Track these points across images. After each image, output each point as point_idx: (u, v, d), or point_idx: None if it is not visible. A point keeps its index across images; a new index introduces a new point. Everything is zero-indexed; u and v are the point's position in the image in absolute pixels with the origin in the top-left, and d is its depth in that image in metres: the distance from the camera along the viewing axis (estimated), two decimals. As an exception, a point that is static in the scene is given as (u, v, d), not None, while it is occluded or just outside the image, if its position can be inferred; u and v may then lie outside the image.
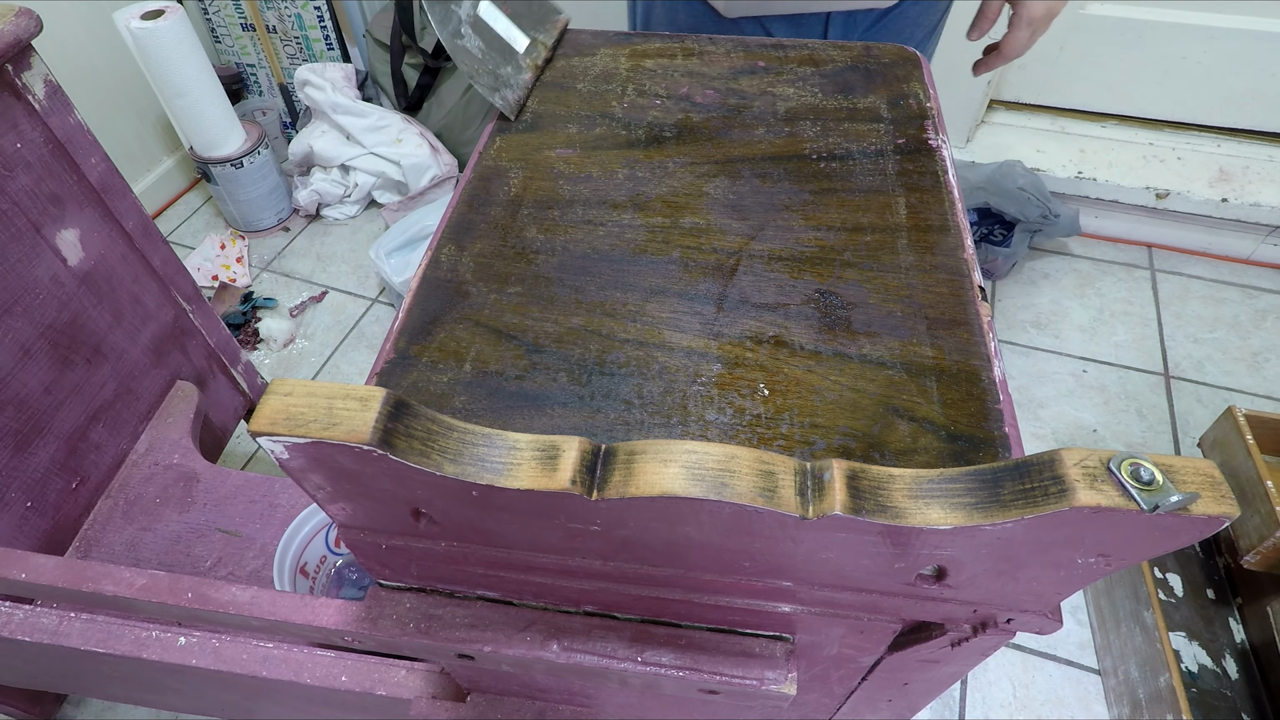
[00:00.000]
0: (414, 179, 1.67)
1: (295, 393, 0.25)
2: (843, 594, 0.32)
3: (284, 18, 1.76)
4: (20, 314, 0.77)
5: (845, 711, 0.50)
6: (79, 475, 0.87)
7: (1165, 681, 0.87)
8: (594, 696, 0.50)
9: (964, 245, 0.48)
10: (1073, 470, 0.23)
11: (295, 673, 0.56)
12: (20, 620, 0.58)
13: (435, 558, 0.34)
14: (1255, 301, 1.51)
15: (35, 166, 0.75)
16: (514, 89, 0.60)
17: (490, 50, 0.59)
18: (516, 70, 0.61)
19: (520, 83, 0.60)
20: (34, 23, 0.70)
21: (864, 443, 0.38)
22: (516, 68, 0.61)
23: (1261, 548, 0.88)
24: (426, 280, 0.47)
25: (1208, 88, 1.55)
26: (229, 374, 1.09)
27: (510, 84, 0.60)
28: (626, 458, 0.26)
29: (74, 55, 1.53)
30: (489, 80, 0.58)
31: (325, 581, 0.86)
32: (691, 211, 0.51)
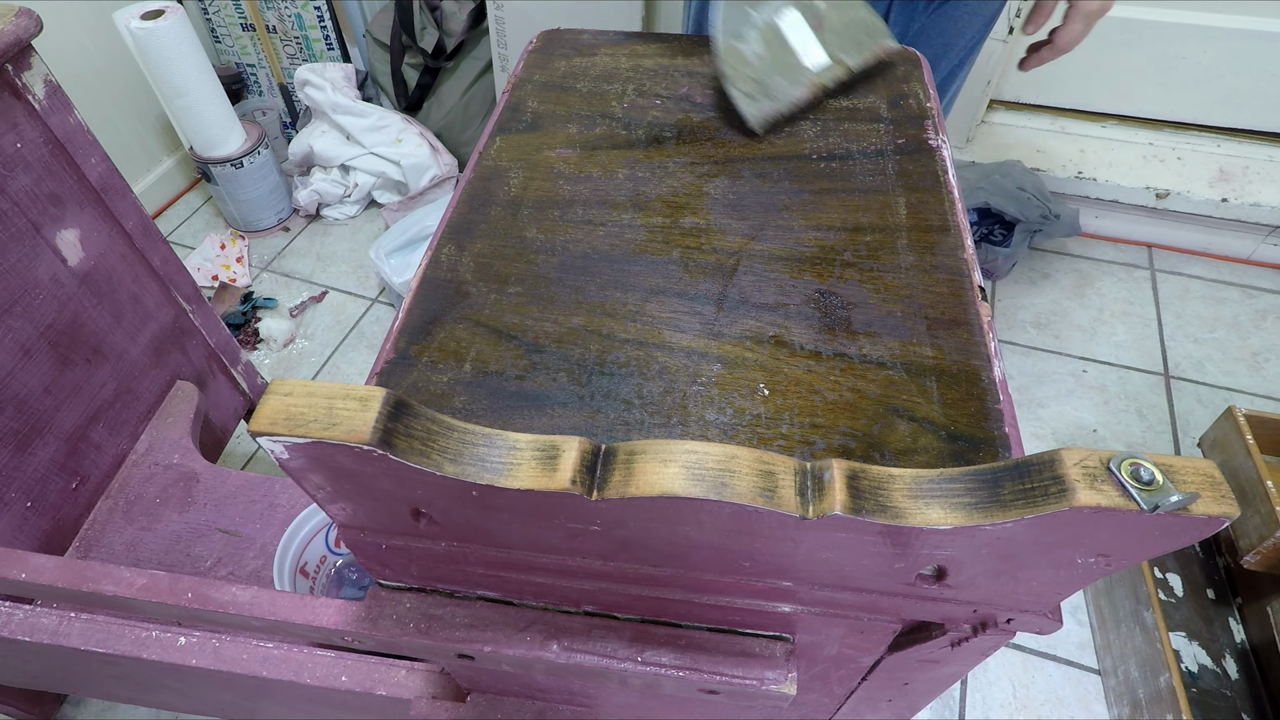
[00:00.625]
0: (414, 179, 1.67)
1: (295, 393, 0.25)
2: (843, 594, 0.32)
3: (284, 18, 1.76)
4: (20, 314, 0.77)
5: (845, 711, 0.50)
6: (79, 475, 0.87)
7: (1165, 681, 0.87)
8: (594, 696, 0.50)
9: (964, 245, 0.48)
10: (1073, 470, 0.23)
11: (295, 673, 0.56)
12: (20, 620, 0.58)
13: (435, 558, 0.34)
14: (1255, 301, 1.51)
15: (35, 166, 0.75)
16: (775, 102, 0.56)
17: (770, 58, 0.56)
18: (790, 84, 0.57)
19: (788, 98, 0.56)
20: (34, 23, 0.70)
21: (864, 443, 0.38)
22: (793, 82, 0.57)
23: (1261, 548, 0.88)
24: (426, 280, 0.47)
25: (1208, 88, 1.55)
26: (229, 374, 1.09)
27: (773, 96, 0.56)
28: (626, 458, 0.26)
29: (74, 55, 1.53)
30: (749, 87, 0.55)
31: (325, 581, 0.86)
32: (691, 211, 0.51)
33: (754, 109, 0.56)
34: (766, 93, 0.56)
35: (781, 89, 0.57)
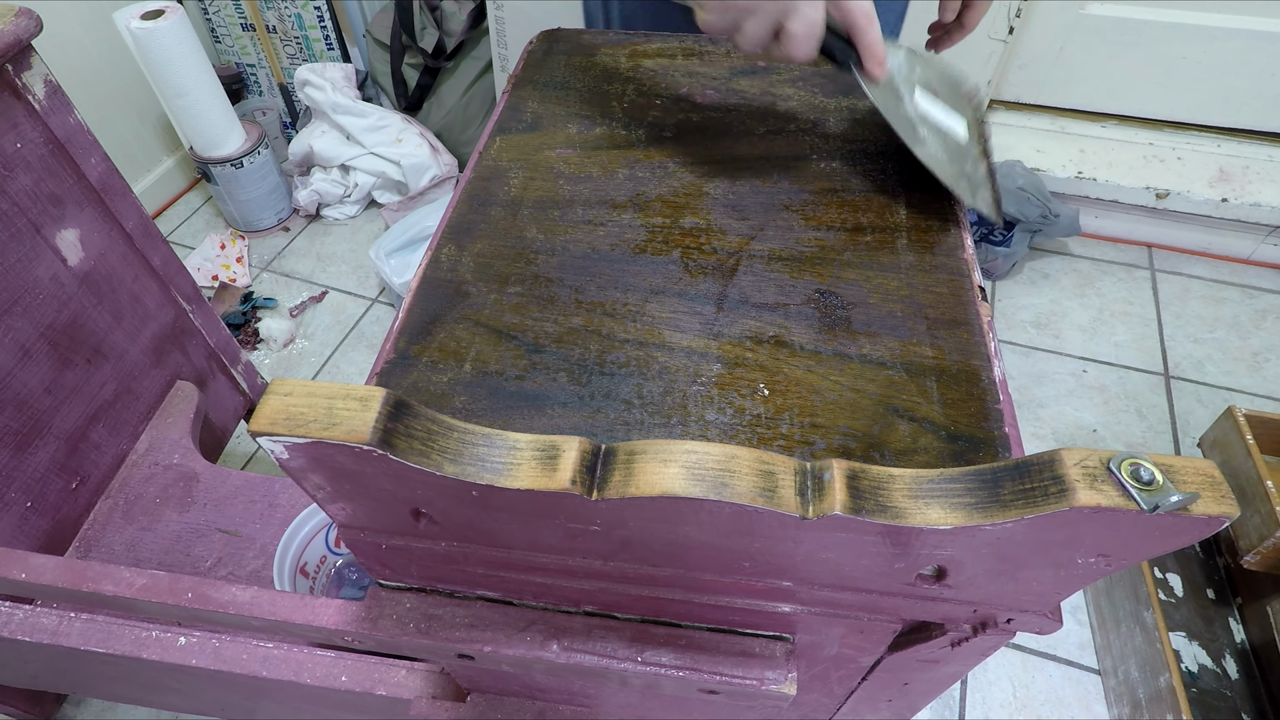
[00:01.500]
0: (414, 179, 1.67)
1: (295, 393, 0.25)
2: (843, 594, 0.32)
3: (284, 18, 1.76)
4: (20, 314, 0.77)
5: (845, 711, 0.50)
6: (79, 475, 0.87)
7: (1165, 681, 0.87)
8: (594, 696, 0.50)
9: (964, 245, 0.48)
10: (1073, 470, 0.23)
11: (295, 673, 0.56)
12: (20, 620, 0.58)
13: (435, 558, 0.34)
14: (1255, 301, 1.51)
15: (35, 166, 0.75)
16: (983, 186, 0.52)
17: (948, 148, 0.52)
18: (975, 163, 0.53)
19: (981, 177, 0.53)
20: (34, 23, 0.70)
21: (864, 443, 0.38)
22: (973, 160, 0.53)
23: (1261, 548, 0.88)
24: (426, 280, 0.47)
25: (1208, 88, 1.55)
26: (229, 374, 1.09)
27: (979, 181, 0.52)
28: (626, 458, 0.26)
29: (74, 55, 1.53)
30: (966, 185, 0.51)
31: (325, 581, 0.86)
32: (691, 211, 0.51)
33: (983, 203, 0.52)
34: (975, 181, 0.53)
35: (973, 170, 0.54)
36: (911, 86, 0.54)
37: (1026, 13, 1.48)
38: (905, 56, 0.54)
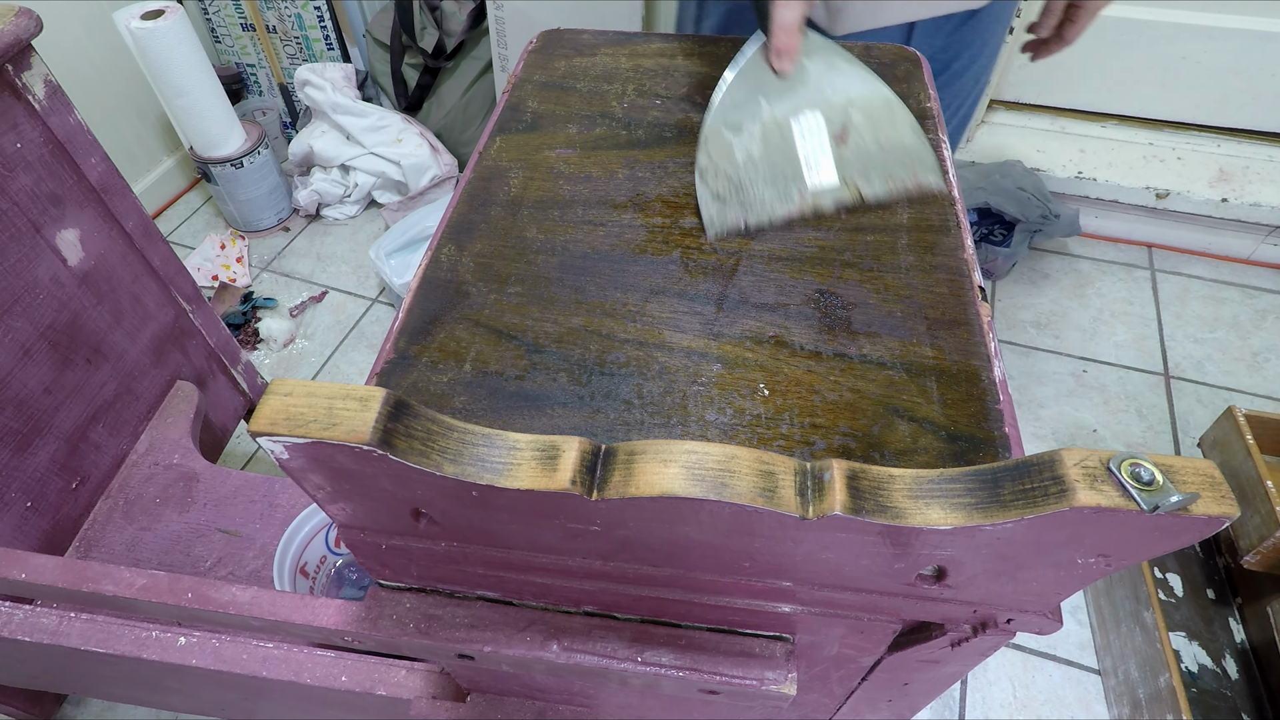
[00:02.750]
0: (414, 179, 1.67)
1: (295, 393, 0.25)
2: (843, 594, 0.32)
3: (284, 18, 1.76)
4: (20, 314, 0.77)
5: (845, 711, 0.50)
6: (79, 475, 0.87)
7: (1165, 681, 0.87)
8: (594, 697, 0.50)
9: (964, 245, 0.48)
10: (1073, 470, 0.23)
11: (295, 673, 0.56)
12: (20, 620, 0.58)
13: (435, 558, 0.34)
14: (1255, 301, 1.51)
15: (35, 166, 0.75)
16: (747, 213, 0.46)
17: (763, 162, 0.46)
18: (777, 198, 0.47)
19: (765, 214, 0.47)
20: (34, 23, 0.70)
21: (864, 443, 0.38)
22: (781, 196, 0.47)
23: (1261, 548, 0.88)
24: (426, 280, 0.47)
25: (1208, 88, 1.55)
26: (229, 374, 1.09)
27: (748, 206, 0.46)
28: (626, 458, 0.26)
29: (74, 55, 1.53)
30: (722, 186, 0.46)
31: (325, 581, 0.86)
32: (691, 211, 0.51)
33: (717, 213, 0.46)
34: (742, 200, 0.47)
35: (762, 202, 0.47)
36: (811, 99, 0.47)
37: (1027, 12, 1.48)
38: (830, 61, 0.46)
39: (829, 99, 0.47)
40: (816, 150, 0.47)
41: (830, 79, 0.47)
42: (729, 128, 0.47)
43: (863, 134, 0.47)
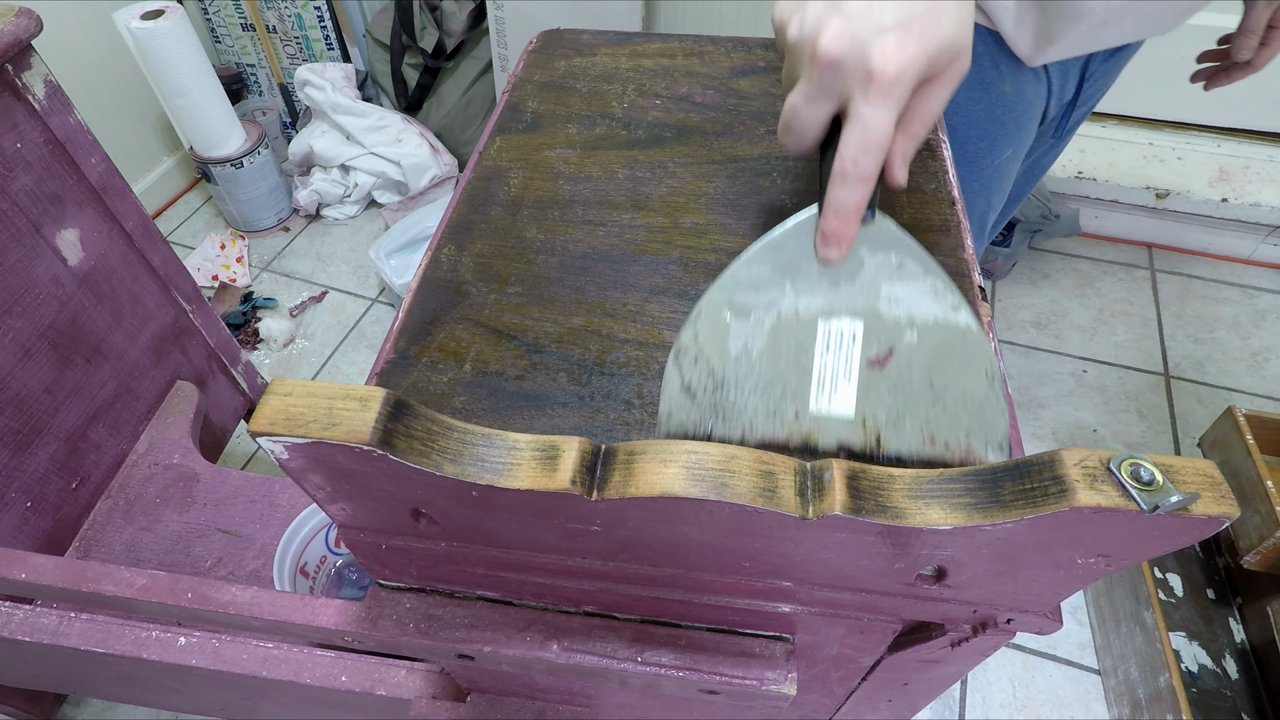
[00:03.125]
0: (414, 179, 1.67)
1: (295, 393, 0.25)
2: (843, 594, 0.32)
3: (284, 18, 1.76)
4: (20, 314, 0.77)
5: (845, 711, 0.50)
6: (79, 475, 0.87)
7: (1165, 681, 0.87)
8: (594, 697, 0.50)
9: (964, 245, 0.48)
10: (1073, 470, 0.23)
11: (295, 673, 0.56)
12: (20, 620, 0.58)
13: (435, 558, 0.34)
14: (1255, 301, 1.51)
15: (35, 166, 0.75)
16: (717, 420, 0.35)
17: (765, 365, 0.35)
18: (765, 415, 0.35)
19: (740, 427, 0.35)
20: (34, 23, 0.70)
21: (864, 443, 0.37)
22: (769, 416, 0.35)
23: (1261, 548, 0.88)
24: (426, 280, 0.47)
25: (1208, 88, 1.55)
26: (229, 374, 1.09)
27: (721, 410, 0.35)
28: (626, 458, 0.26)
29: (74, 55, 1.53)
30: (695, 376, 0.35)
31: (325, 581, 0.86)
32: (691, 211, 0.51)
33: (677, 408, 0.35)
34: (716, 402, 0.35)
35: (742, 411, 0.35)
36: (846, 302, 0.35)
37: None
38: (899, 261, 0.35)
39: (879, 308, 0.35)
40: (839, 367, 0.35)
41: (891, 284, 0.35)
42: (733, 309, 0.36)
43: (912, 365, 0.35)
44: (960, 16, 0.31)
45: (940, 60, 0.31)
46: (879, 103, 0.30)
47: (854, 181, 0.32)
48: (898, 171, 0.35)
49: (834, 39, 0.31)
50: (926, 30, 0.30)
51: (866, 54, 0.30)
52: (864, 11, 0.30)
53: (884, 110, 0.30)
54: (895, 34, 0.30)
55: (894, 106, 0.31)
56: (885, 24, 0.30)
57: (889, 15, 0.30)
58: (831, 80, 0.32)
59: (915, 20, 0.30)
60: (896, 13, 0.30)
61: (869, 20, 0.30)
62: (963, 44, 0.32)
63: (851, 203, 0.33)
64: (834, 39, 0.31)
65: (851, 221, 0.34)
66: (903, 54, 0.30)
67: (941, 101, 0.33)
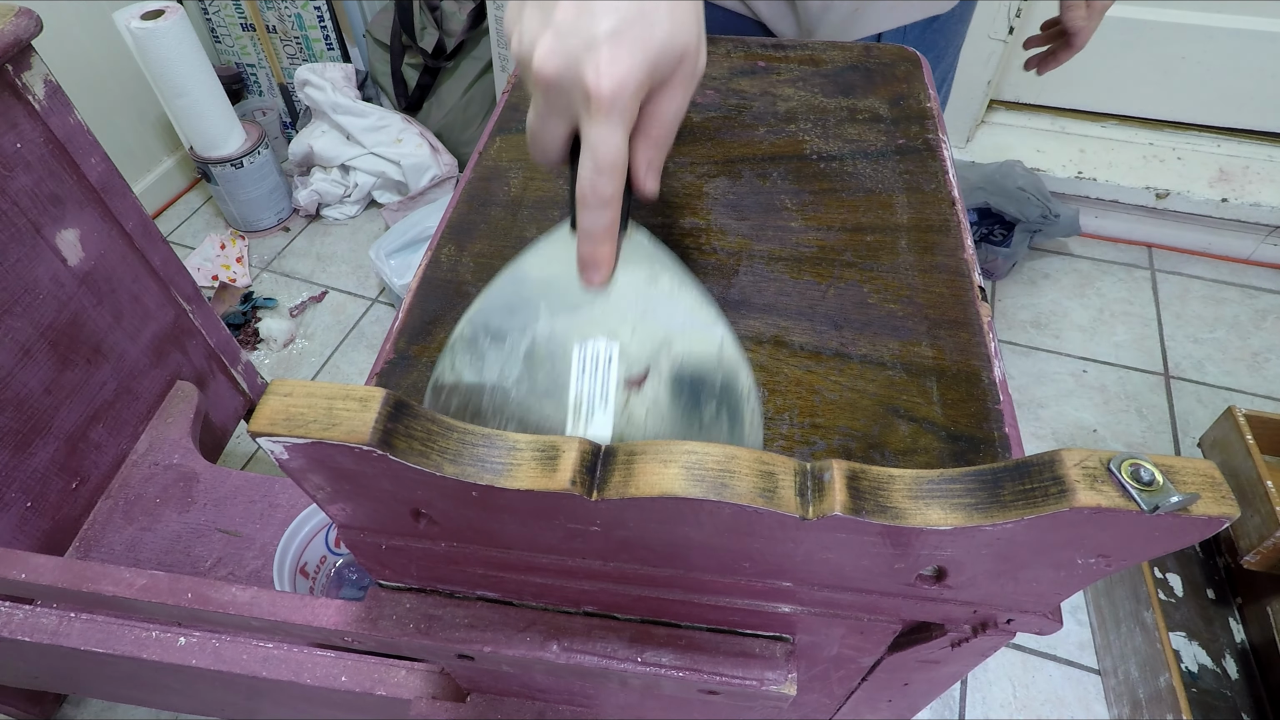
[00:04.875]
0: (414, 179, 1.67)
1: (295, 393, 0.25)
2: (843, 594, 0.32)
3: (284, 18, 1.76)
4: (20, 314, 0.77)
5: (845, 711, 0.50)
6: (79, 475, 0.87)
7: (1165, 681, 0.87)
8: (594, 697, 0.50)
9: (964, 245, 0.48)
10: (1073, 471, 0.23)
11: (295, 673, 0.56)
12: (20, 620, 0.58)
13: (435, 558, 0.34)
14: (1255, 301, 1.51)
15: (35, 166, 0.75)
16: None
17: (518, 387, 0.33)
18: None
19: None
20: (34, 23, 0.70)
21: (864, 443, 0.38)
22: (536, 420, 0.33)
23: (1261, 548, 0.88)
24: (426, 280, 0.47)
25: (1208, 88, 1.55)
26: (229, 374, 1.09)
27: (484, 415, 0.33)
28: (626, 458, 0.26)
29: (74, 55, 1.53)
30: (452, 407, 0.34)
31: (325, 581, 0.86)
32: (691, 211, 0.51)
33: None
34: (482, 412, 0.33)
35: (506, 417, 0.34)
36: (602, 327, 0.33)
37: (1026, 13, 1.48)
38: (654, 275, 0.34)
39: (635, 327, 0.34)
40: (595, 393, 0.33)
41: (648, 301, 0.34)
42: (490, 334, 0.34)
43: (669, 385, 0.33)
44: (676, 16, 0.30)
45: (663, 65, 0.30)
46: (602, 122, 0.29)
47: (595, 205, 0.31)
48: (644, 182, 0.33)
49: (547, 57, 0.29)
50: (640, 37, 0.28)
51: (580, 72, 0.28)
52: (573, 25, 0.28)
53: (609, 129, 0.29)
54: (607, 47, 0.28)
55: (619, 122, 0.29)
56: (596, 37, 0.28)
57: (599, 26, 0.28)
58: (555, 100, 0.30)
59: (626, 29, 0.28)
60: (605, 23, 0.28)
61: (578, 35, 0.28)
62: (685, 44, 0.30)
63: (599, 226, 0.32)
64: (547, 57, 0.29)
65: (603, 243, 0.32)
66: (616, 67, 0.28)
67: (677, 105, 0.32)
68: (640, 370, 0.34)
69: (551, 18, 0.29)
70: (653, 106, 0.31)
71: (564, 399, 0.33)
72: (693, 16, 0.31)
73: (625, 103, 0.29)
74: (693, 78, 0.32)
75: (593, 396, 0.33)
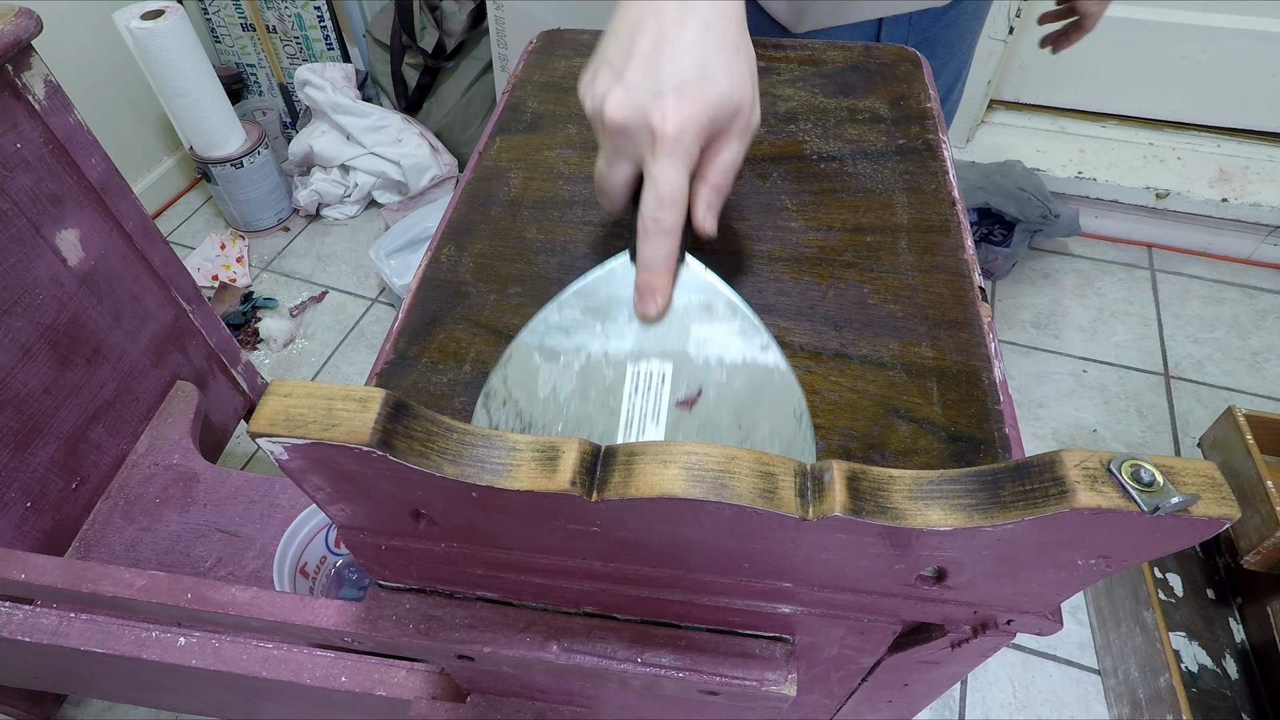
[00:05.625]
0: (414, 179, 1.67)
1: (295, 393, 0.25)
2: (843, 595, 0.32)
3: (284, 18, 1.76)
4: (20, 314, 0.77)
5: (845, 712, 0.50)
6: (79, 475, 0.87)
7: (1165, 681, 0.87)
8: (594, 697, 0.50)
9: (964, 245, 0.48)
10: (1073, 471, 0.23)
11: (295, 673, 0.56)
12: (20, 620, 0.58)
13: (435, 559, 0.34)
14: (1255, 301, 1.51)
15: (35, 166, 0.75)
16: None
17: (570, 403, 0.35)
18: None
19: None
20: (34, 23, 0.70)
21: (864, 444, 0.38)
22: None
23: (1261, 548, 0.88)
24: (426, 280, 0.47)
25: (1208, 88, 1.55)
26: (229, 374, 1.09)
27: None
28: (626, 459, 0.26)
29: (74, 55, 1.53)
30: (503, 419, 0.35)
31: (325, 582, 0.86)
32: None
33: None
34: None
35: None
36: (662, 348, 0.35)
37: (1026, 12, 1.48)
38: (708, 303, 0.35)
39: (688, 350, 0.35)
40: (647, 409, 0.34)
41: (700, 325, 0.35)
42: (543, 352, 0.36)
43: (720, 405, 0.34)
44: (734, 75, 0.34)
45: (721, 116, 0.34)
46: (665, 160, 0.33)
47: (656, 236, 0.34)
48: (702, 220, 0.36)
49: (618, 107, 0.33)
50: (701, 91, 0.33)
51: (648, 117, 0.33)
52: (641, 80, 0.33)
53: (672, 166, 0.33)
54: (673, 96, 0.32)
55: (681, 161, 0.33)
56: (662, 88, 0.32)
57: (666, 81, 0.33)
58: (622, 144, 0.34)
59: (688, 84, 0.33)
60: (671, 78, 0.33)
61: (646, 87, 0.33)
62: (740, 99, 0.34)
63: (659, 257, 0.35)
64: (618, 107, 0.33)
65: (662, 274, 0.35)
66: (680, 113, 0.32)
67: (734, 154, 0.35)
68: (693, 391, 0.35)
69: (623, 76, 0.34)
70: (712, 154, 0.35)
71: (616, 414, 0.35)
72: (748, 76, 0.35)
73: (687, 143, 0.33)
74: (748, 130, 0.35)
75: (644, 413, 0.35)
